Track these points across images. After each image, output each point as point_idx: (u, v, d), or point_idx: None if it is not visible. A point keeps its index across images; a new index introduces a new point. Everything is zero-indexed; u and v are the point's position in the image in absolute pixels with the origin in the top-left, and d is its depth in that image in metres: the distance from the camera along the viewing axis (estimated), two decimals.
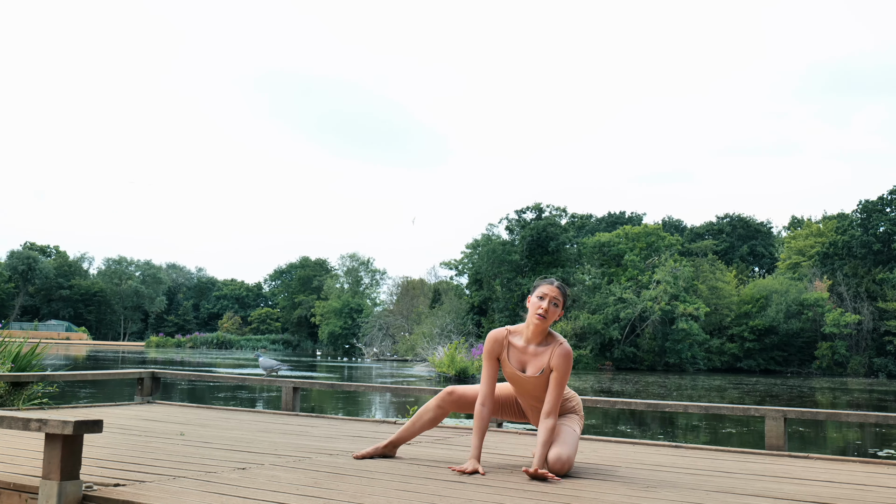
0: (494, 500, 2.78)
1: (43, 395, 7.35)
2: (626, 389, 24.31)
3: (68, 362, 29.29)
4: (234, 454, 3.80)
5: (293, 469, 3.38)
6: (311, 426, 5.28)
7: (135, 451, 3.74)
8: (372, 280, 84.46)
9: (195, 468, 3.31)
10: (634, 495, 2.98)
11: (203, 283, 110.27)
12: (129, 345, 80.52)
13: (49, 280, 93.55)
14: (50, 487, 2.63)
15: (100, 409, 6.05)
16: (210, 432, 4.71)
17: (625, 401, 5.37)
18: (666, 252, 54.27)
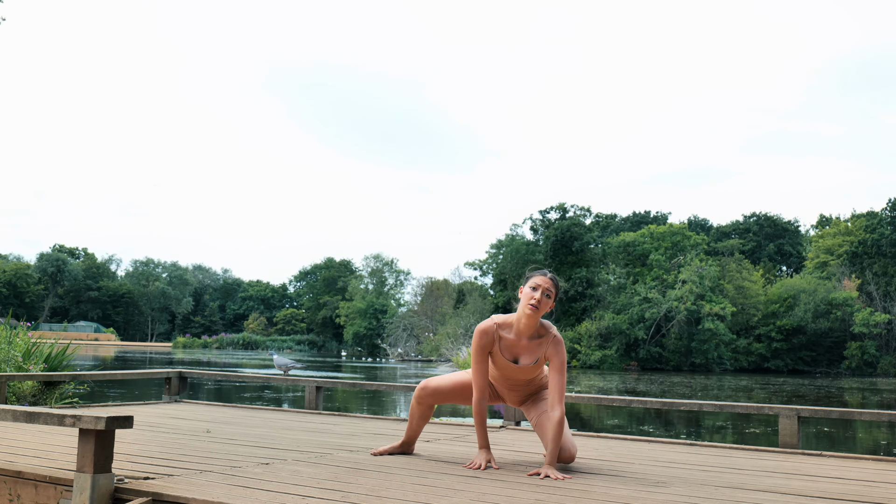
0: (507, 494, 2.88)
1: (74, 394, 7.55)
2: (651, 390, 24.26)
3: (97, 363, 29.74)
4: (259, 450, 3.93)
5: (315, 464, 3.51)
6: (333, 424, 5.42)
7: (163, 447, 3.88)
8: (396, 281, 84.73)
9: (221, 463, 3.44)
10: (644, 490, 3.06)
11: (229, 285, 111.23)
12: (156, 346, 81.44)
13: (78, 282, 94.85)
14: (84, 480, 2.77)
15: (129, 407, 6.22)
16: (235, 430, 4.85)
17: (641, 399, 5.44)
18: (691, 251, 53.96)
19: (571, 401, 5.39)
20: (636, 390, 24.00)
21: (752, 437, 11.21)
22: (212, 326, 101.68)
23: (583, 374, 38.95)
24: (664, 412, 14.39)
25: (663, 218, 74.09)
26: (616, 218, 77.47)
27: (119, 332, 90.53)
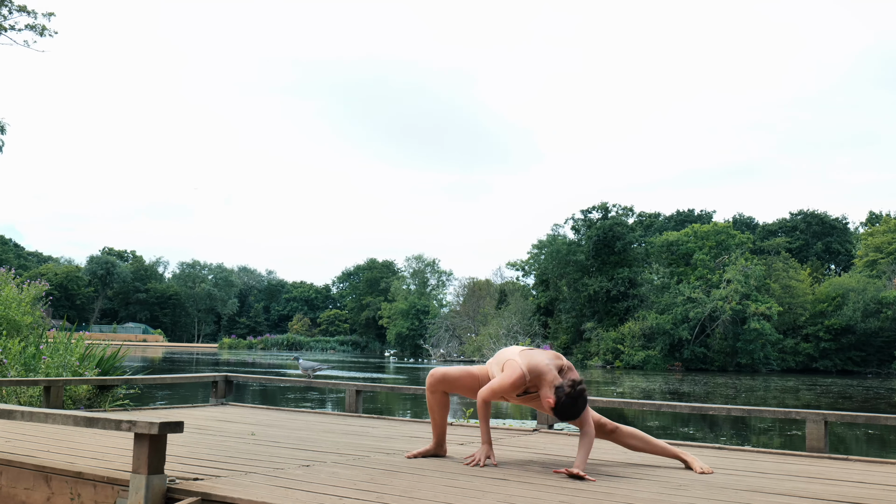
0: (532, 496, 3.04)
1: (125, 396, 7.86)
2: (694, 391, 24.11)
3: (146, 364, 30.45)
4: (300, 452, 4.14)
5: (352, 466, 3.70)
6: (371, 427, 5.62)
7: (211, 449, 4.11)
8: (438, 281, 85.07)
9: (264, 465, 3.65)
10: (665, 493, 3.19)
11: (273, 286, 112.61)
12: (202, 346, 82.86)
13: (126, 284, 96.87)
14: (139, 480, 2.99)
15: (178, 410, 6.50)
16: (278, 432, 5.08)
17: (670, 404, 5.55)
18: (736, 250, 53.30)
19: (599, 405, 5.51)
20: (679, 391, 23.88)
21: (800, 440, 11.13)
22: (257, 327, 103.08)
23: (626, 374, 38.77)
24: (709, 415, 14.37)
25: (707, 216, 73.23)
26: (659, 217, 76.80)
27: (166, 333, 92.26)
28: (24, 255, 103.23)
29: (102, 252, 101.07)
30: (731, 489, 3.35)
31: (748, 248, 55.48)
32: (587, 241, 57.25)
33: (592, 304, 56.76)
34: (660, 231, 67.17)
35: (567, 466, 3.75)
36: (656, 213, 77.70)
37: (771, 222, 71.06)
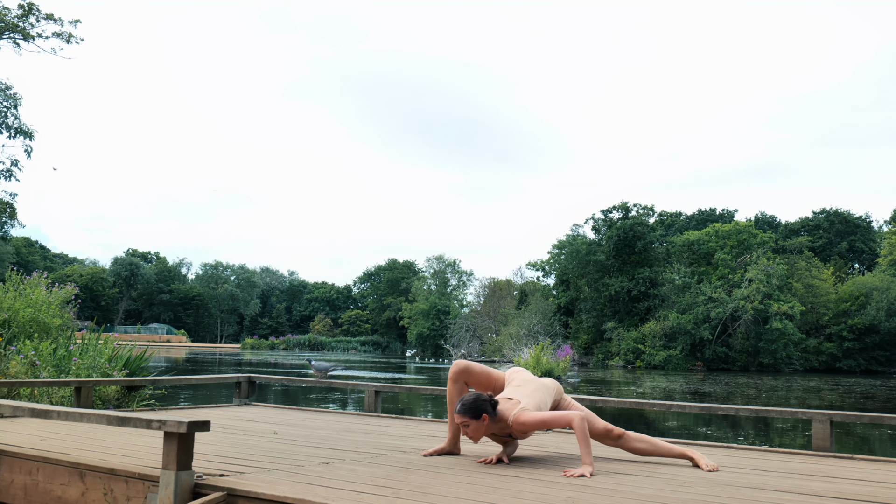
0: (541, 492, 3.19)
1: (151, 396, 8.08)
2: (715, 391, 24.08)
3: (170, 364, 30.84)
4: (320, 451, 4.31)
5: (370, 464, 3.86)
6: (389, 426, 5.79)
7: (235, 447, 4.29)
8: (459, 281, 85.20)
9: (286, 462, 3.82)
10: (669, 490, 3.33)
11: (295, 287, 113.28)
12: (225, 347, 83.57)
13: (150, 285, 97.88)
14: (168, 476, 3.17)
15: (203, 410, 6.70)
16: (300, 431, 5.26)
17: (679, 404, 5.66)
18: (758, 250, 53.02)
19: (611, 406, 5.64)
20: (699, 391, 23.85)
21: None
22: (279, 328, 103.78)
23: (647, 374, 38.71)
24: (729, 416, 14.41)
25: (729, 215, 72.82)
26: (681, 216, 76.45)
27: (190, 333, 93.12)
28: (51, 257, 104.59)
29: (127, 254, 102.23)
30: (734, 486, 3.48)
31: (770, 247, 55.17)
32: (608, 240, 57.18)
33: (613, 304, 56.68)
34: (681, 231, 66.93)
35: (575, 465, 3.90)
36: (677, 212, 77.37)
37: (793, 221, 70.55)
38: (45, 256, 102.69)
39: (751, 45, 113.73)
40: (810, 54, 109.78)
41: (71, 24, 16.79)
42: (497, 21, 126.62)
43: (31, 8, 16.25)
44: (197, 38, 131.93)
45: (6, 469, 3.85)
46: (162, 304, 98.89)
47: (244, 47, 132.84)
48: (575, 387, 24.32)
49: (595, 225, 60.56)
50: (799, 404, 19.14)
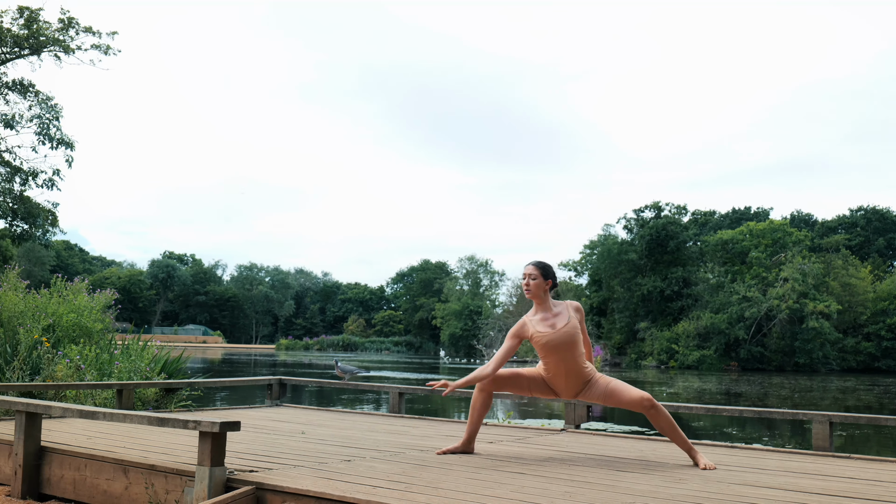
0: (542, 487, 3.46)
1: (188, 397, 8.47)
2: (747, 391, 24.06)
3: (206, 365, 31.47)
4: (344, 449, 4.62)
5: (388, 461, 4.16)
6: (411, 426, 6.09)
7: (265, 446, 4.62)
8: (491, 282, 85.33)
9: (311, 460, 4.14)
10: (663, 486, 3.58)
11: (329, 288, 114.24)
12: (260, 347, 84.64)
13: (186, 287, 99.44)
14: (203, 472, 3.49)
15: (236, 411, 7.06)
16: (326, 431, 5.58)
17: (687, 406, 5.89)
18: (793, 248, 52.56)
19: None
20: (731, 392, 23.85)
21: (861, 439, 11.22)
22: (313, 328, 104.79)
23: (680, 374, 38.59)
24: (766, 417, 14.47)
25: (764, 214, 72.17)
26: (714, 215, 75.92)
27: (225, 334, 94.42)
28: (89, 260, 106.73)
29: (163, 256, 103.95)
30: (727, 483, 3.72)
31: (806, 245, 54.66)
32: (640, 240, 57.04)
33: (646, 304, 56.52)
34: (715, 229, 66.51)
35: (586, 462, 4.16)
36: (711, 210, 76.85)
37: (830, 219, 69.72)
38: (84, 259, 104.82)
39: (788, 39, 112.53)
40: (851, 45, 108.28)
41: (108, 37, 17.37)
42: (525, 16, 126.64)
43: (71, 22, 16.83)
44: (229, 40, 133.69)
45: (57, 465, 4.21)
46: (198, 306, 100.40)
47: (275, 49, 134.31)
48: None
49: (627, 224, 60.43)
50: (832, 404, 19.12)
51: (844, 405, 19.39)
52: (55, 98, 17.82)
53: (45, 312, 8.40)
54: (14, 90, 17.15)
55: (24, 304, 8.49)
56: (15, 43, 16.20)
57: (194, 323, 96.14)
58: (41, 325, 8.07)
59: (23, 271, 9.78)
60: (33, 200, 18.22)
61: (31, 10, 16.49)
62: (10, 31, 16.12)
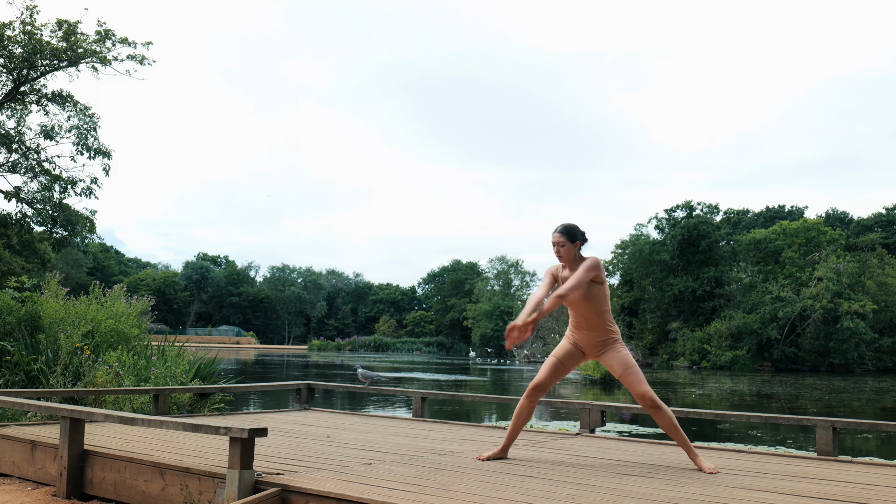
0: (546, 489, 3.69)
1: (221, 400, 8.80)
2: (778, 392, 23.98)
3: (239, 366, 32.00)
4: (365, 453, 4.89)
5: (406, 464, 4.42)
6: (432, 430, 6.34)
7: (291, 450, 4.90)
8: (522, 282, 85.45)
9: (334, 463, 4.40)
10: (664, 489, 3.79)
11: (360, 288, 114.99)
12: (293, 348, 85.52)
13: (220, 288, 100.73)
14: (233, 475, 3.77)
15: (266, 415, 7.36)
16: (350, 435, 5.85)
17: (684, 410, 6.07)
18: (828, 248, 52.03)
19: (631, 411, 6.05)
20: (762, 393, 23.78)
21: (884, 443, 11.23)
22: (344, 329, 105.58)
23: (712, 375, 38.43)
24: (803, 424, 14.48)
25: (799, 212, 71.45)
26: (748, 213, 75.30)
27: (258, 335, 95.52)
28: (125, 262, 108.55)
29: (197, 258, 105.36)
30: (725, 486, 3.92)
31: (840, 244, 54.05)
32: (671, 240, 56.83)
33: (678, 304, 56.30)
34: (748, 228, 66.00)
35: (590, 470, 4.38)
36: (745, 209, 76.24)
37: (866, 217, 68.75)
38: (120, 261, 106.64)
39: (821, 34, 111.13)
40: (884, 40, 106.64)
41: (144, 47, 17.86)
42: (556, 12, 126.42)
43: (108, 33, 17.34)
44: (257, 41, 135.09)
45: (98, 467, 4.52)
46: (231, 307, 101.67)
47: (306, 48, 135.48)
48: None
49: (659, 224, 60.25)
50: (865, 406, 19.04)
51: (881, 406, 19.28)
52: (92, 108, 18.38)
53: (84, 319, 8.78)
54: (53, 101, 17.74)
55: (64, 311, 8.87)
56: (54, 55, 16.75)
57: (228, 324, 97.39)
58: (81, 332, 8.44)
59: (60, 274, 10.18)
60: (72, 208, 18.81)
61: (70, 23, 17.04)
62: (50, 45, 16.67)
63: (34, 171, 17.97)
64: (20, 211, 18.73)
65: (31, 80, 17.19)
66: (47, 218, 18.33)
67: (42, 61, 16.88)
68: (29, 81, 17.19)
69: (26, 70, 16.88)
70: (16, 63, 16.66)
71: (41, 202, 18.18)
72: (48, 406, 4.88)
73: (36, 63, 16.80)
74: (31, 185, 18.02)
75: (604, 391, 22.48)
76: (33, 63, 16.73)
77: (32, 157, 18.04)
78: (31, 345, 8.35)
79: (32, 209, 18.41)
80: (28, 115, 17.96)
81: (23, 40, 16.54)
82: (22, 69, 16.83)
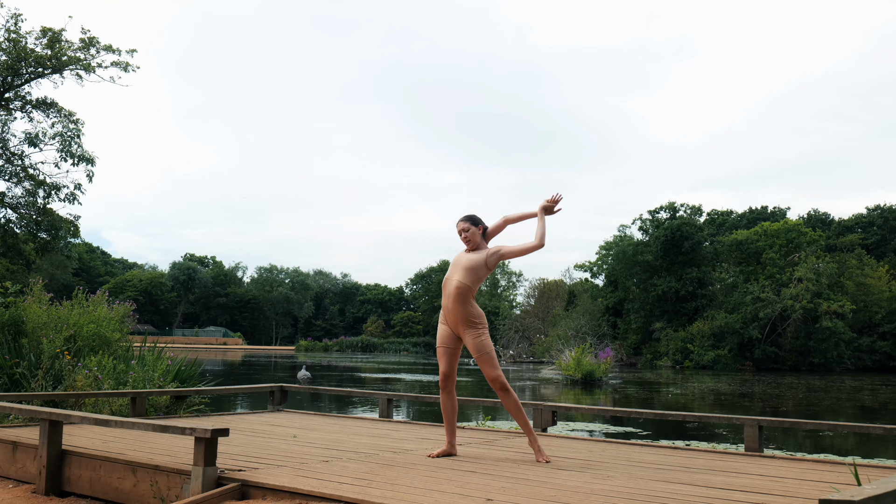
0: (483, 482, 4.07)
1: (200, 401, 9.13)
2: (757, 391, 24.44)
3: (225, 368, 32.25)
4: (326, 451, 5.25)
5: (360, 461, 4.79)
6: (394, 430, 6.71)
7: (257, 448, 5.26)
8: (508, 282, 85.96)
9: (295, 460, 4.77)
10: (590, 482, 4.17)
11: (348, 289, 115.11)
12: (280, 349, 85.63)
13: (207, 289, 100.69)
14: (198, 471, 4.13)
15: (238, 416, 7.71)
16: (316, 435, 6.21)
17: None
18: (807, 248, 52.70)
19: (577, 410, 6.42)
20: (741, 392, 24.22)
21: (871, 442, 11.55)
22: (332, 329, 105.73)
23: (695, 374, 38.95)
24: None
25: (781, 213, 72.25)
26: (731, 214, 76.08)
27: (245, 336, 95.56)
28: (111, 262, 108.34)
29: (184, 258, 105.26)
30: (647, 480, 4.30)
31: (820, 245, 54.74)
32: (655, 241, 57.37)
33: (661, 304, 56.84)
34: (731, 229, 66.70)
35: (535, 462, 4.75)
36: (728, 210, 77.03)
37: (847, 218, 69.61)
38: (106, 262, 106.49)
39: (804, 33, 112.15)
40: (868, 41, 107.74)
41: (128, 54, 18.17)
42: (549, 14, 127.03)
43: (92, 41, 17.62)
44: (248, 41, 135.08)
45: (76, 466, 4.87)
46: (218, 308, 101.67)
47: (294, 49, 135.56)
48: (616, 388, 24.95)
49: (642, 225, 60.81)
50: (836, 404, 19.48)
51: (859, 405, 19.73)
52: (77, 113, 18.67)
53: (66, 323, 9.10)
54: (38, 108, 18.02)
55: (47, 316, 9.19)
56: (38, 63, 17.02)
57: (215, 325, 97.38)
58: (63, 336, 8.76)
59: (45, 275, 10.47)
60: (56, 213, 19.09)
61: (54, 30, 17.31)
62: (34, 52, 16.94)
63: (18, 177, 18.26)
64: (4, 216, 19.02)
65: (15, 87, 17.46)
66: (31, 223, 18.60)
67: (27, 68, 17.16)
68: (13, 88, 17.46)
69: (10, 77, 17.15)
70: (0, 70, 16.92)
71: (25, 207, 18.45)
72: (29, 409, 5.21)
73: (20, 70, 17.08)
74: (15, 191, 18.34)
75: (584, 391, 22.87)
76: (17, 70, 17.01)
77: (16, 162, 18.32)
78: (15, 349, 8.66)
79: (16, 214, 18.69)
80: (12, 122, 18.25)
81: (7, 47, 16.82)
82: (6, 76, 17.11)
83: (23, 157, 18.40)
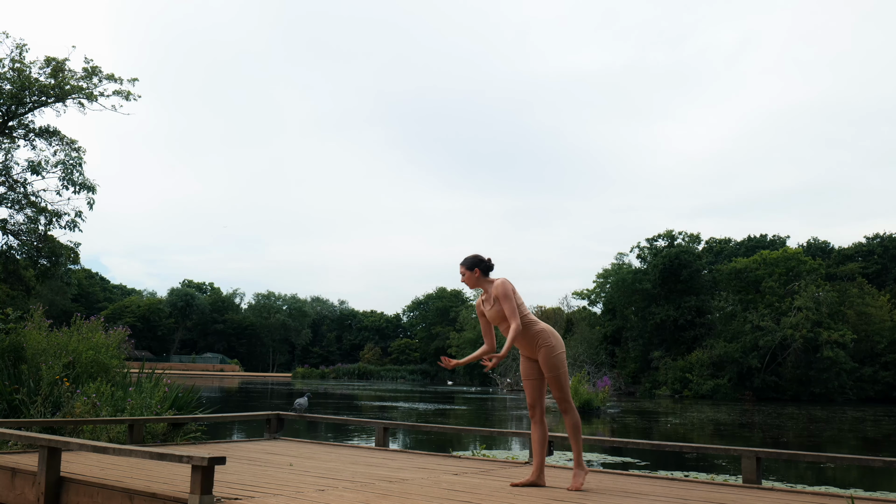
0: None
1: (197, 429, 9.14)
2: (756, 422, 24.34)
3: (222, 394, 32.14)
4: (322, 480, 5.27)
5: (357, 491, 4.81)
6: (390, 460, 6.72)
7: (254, 477, 5.28)
8: None
9: (290, 489, 4.79)
10: (584, 499, 4.21)
11: (345, 316, 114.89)
12: (277, 376, 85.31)
13: (205, 315, 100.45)
14: (194, 499, 4.16)
15: (235, 444, 7.72)
16: (312, 463, 6.23)
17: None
18: (807, 277, 52.69)
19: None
20: (742, 422, 24.11)
21: (865, 475, 11.48)
22: (329, 356, 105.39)
23: (694, 403, 38.79)
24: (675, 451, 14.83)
25: (780, 242, 72.30)
26: (730, 243, 76.13)
27: (242, 362, 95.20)
28: (110, 289, 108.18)
29: (182, 284, 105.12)
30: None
31: (820, 274, 54.72)
32: (653, 269, 57.43)
33: (660, 333, 56.79)
34: (730, 257, 66.73)
35: (528, 492, 4.78)
36: (727, 238, 77.08)
37: (847, 247, 69.61)
38: (105, 288, 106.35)
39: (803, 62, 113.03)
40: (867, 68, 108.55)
41: (129, 83, 18.35)
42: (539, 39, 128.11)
43: (94, 70, 17.81)
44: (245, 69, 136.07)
45: (73, 493, 4.89)
46: (216, 334, 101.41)
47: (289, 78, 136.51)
48: (614, 417, 24.87)
49: (640, 253, 60.91)
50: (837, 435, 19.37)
51: (862, 437, 19.60)
52: (79, 142, 18.84)
53: (65, 350, 9.13)
54: (41, 136, 18.18)
55: (46, 342, 9.22)
56: (42, 92, 17.20)
57: (212, 351, 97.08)
58: (62, 362, 8.79)
59: (45, 301, 10.52)
60: (56, 240, 19.18)
61: (58, 60, 17.51)
62: (38, 81, 17.12)
63: (20, 204, 18.38)
64: (5, 243, 19.12)
65: (18, 116, 17.63)
66: (32, 249, 18.68)
67: (30, 97, 17.34)
68: (17, 116, 17.63)
69: (14, 106, 17.33)
70: (4, 99, 17.10)
71: (26, 234, 18.56)
72: (27, 436, 5.24)
73: (24, 99, 17.26)
74: (17, 218, 18.46)
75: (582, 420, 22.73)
76: (21, 99, 17.19)
77: (19, 189, 18.45)
78: (14, 375, 8.68)
79: (18, 240, 18.79)
80: (16, 150, 18.43)
81: (12, 77, 17.00)
82: (10, 105, 17.28)
83: (25, 185, 18.54)
